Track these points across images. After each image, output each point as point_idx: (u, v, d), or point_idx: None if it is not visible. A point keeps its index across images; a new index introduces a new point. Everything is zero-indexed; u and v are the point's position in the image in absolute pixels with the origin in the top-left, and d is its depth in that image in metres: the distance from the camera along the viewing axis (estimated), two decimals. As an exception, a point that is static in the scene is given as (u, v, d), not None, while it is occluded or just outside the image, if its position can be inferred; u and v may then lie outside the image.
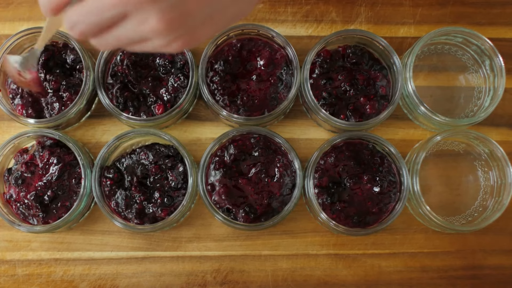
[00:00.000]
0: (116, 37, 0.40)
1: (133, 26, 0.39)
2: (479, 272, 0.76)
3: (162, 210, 0.72)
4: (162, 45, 0.40)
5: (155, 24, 0.38)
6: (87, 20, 0.40)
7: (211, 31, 0.41)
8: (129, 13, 0.38)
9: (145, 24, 0.38)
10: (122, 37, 0.40)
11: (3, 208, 0.72)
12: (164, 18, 0.37)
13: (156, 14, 0.37)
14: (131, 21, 0.38)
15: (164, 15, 0.37)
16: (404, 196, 0.71)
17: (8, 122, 0.78)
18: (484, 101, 0.77)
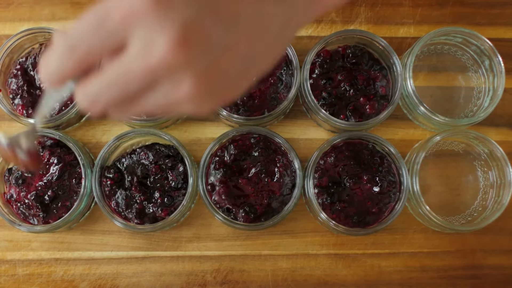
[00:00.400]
0: (142, 107, 0.34)
1: (163, 94, 0.33)
2: (478, 272, 0.76)
3: (162, 210, 0.72)
4: (193, 109, 0.34)
5: (189, 88, 0.32)
6: (108, 95, 0.33)
7: (245, 86, 0.36)
8: (159, 80, 0.32)
9: (177, 89, 0.32)
10: (150, 105, 0.34)
11: (4, 208, 0.72)
12: (200, 81, 0.32)
13: (190, 78, 0.32)
14: (162, 88, 0.32)
15: (199, 78, 0.32)
16: (403, 196, 0.71)
17: (9, 122, 0.78)
18: (484, 101, 0.77)
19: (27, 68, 0.75)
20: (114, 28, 0.31)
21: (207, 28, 0.31)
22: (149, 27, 0.30)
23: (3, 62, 0.74)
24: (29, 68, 0.75)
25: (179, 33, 0.30)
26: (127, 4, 0.30)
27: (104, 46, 0.32)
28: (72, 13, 0.80)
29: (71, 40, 0.33)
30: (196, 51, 0.31)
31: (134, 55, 0.31)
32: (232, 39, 0.32)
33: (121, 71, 0.32)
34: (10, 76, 0.76)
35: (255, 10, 0.33)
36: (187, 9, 0.30)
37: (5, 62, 0.75)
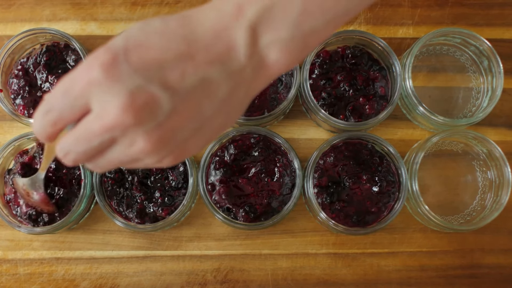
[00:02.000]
0: (108, 161, 0.40)
1: (122, 150, 0.38)
2: (477, 271, 0.77)
3: (162, 209, 0.72)
4: (153, 162, 0.40)
5: (143, 145, 0.38)
6: (77, 148, 0.39)
7: (201, 143, 0.41)
8: (116, 138, 0.38)
9: (133, 146, 0.38)
10: (114, 160, 0.40)
11: (3, 210, 0.72)
12: (150, 139, 0.37)
13: (142, 135, 0.37)
14: (120, 145, 0.38)
15: (150, 135, 0.37)
16: (403, 195, 0.71)
17: (10, 122, 0.78)
18: (482, 101, 0.78)
19: (28, 68, 0.76)
20: (77, 95, 0.37)
21: (152, 94, 0.36)
22: (103, 94, 0.36)
23: (4, 63, 0.75)
24: (30, 69, 0.76)
25: (125, 100, 0.36)
26: (86, 76, 0.37)
27: (71, 109, 0.38)
28: (73, 14, 0.80)
29: (47, 102, 0.39)
30: (143, 114, 0.36)
31: (94, 116, 0.37)
32: (178, 103, 0.37)
33: (84, 129, 0.38)
34: (12, 77, 0.76)
35: (199, 77, 0.38)
36: (133, 80, 0.36)
37: (6, 63, 0.75)
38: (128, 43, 0.37)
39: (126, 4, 0.81)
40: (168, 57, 0.37)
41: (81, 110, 0.38)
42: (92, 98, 0.37)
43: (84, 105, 0.38)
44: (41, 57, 0.75)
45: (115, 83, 0.36)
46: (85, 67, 0.37)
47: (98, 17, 0.80)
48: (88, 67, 0.37)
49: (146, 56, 0.37)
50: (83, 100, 0.37)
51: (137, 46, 0.37)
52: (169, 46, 0.37)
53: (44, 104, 0.40)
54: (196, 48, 0.38)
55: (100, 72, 0.36)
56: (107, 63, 0.36)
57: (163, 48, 0.37)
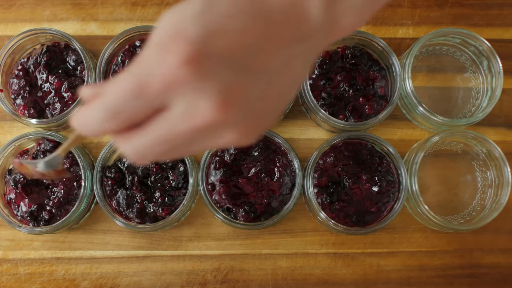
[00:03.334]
0: (185, 153, 0.37)
1: (207, 143, 0.35)
2: (476, 271, 0.77)
3: (163, 209, 0.73)
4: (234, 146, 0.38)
5: (232, 137, 0.35)
6: (156, 150, 0.35)
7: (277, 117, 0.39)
8: (204, 134, 0.34)
9: (220, 140, 0.35)
10: (195, 152, 0.37)
11: (4, 210, 0.72)
12: (241, 130, 0.35)
13: (233, 128, 0.34)
14: (206, 139, 0.35)
15: (241, 126, 0.34)
16: (402, 195, 0.71)
17: (10, 122, 0.78)
18: (482, 101, 0.78)
19: (28, 68, 0.76)
20: (156, 95, 0.33)
21: (242, 86, 0.33)
22: (190, 93, 0.32)
23: (5, 63, 0.75)
24: (31, 69, 0.76)
25: (219, 98, 0.32)
26: (165, 74, 0.32)
27: (145, 110, 0.34)
28: (73, 14, 0.80)
29: (111, 106, 0.34)
30: (235, 109, 0.33)
31: (179, 116, 0.33)
32: (264, 88, 0.35)
33: (167, 130, 0.34)
34: (12, 77, 0.76)
35: (282, 57, 0.35)
36: (224, 73, 0.32)
37: (6, 63, 0.75)
38: (206, 30, 0.32)
39: (127, 4, 0.81)
40: (249, 40, 0.33)
41: (156, 109, 0.34)
42: (175, 98, 0.33)
43: (161, 105, 0.33)
44: (42, 57, 0.75)
45: (205, 80, 0.32)
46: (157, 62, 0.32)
47: (98, 17, 0.80)
48: (163, 63, 0.32)
49: (229, 42, 0.32)
50: (161, 101, 0.33)
51: (216, 32, 0.32)
52: (247, 27, 0.33)
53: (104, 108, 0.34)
54: (273, 25, 0.34)
55: (186, 70, 0.31)
56: (191, 58, 0.31)
57: (242, 31, 0.33)
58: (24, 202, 0.73)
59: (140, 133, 0.35)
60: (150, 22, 0.80)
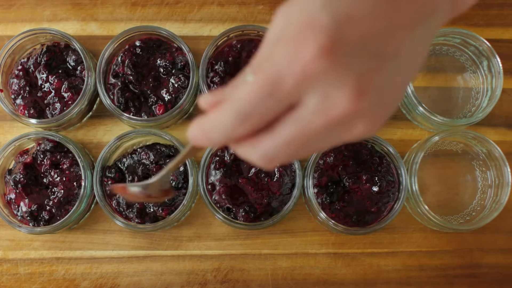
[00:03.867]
0: (313, 150, 0.35)
1: (336, 137, 0.34)
2: (476, 271, 0.77)
3: (163, 209, 0.73)
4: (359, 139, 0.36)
5: (365, 128, 0.33)
6: (288, 151, 0.33)
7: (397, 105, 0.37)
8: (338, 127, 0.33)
9: (351, 132, 0.33)
10: (320, 148, 0.35)
11: (4, 210, 0.72)
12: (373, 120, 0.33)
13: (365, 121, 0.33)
14: (335, 133, 0.33)
15: (373, 116, 0.33)
16: (402, 195, 0.71)
17: (10, 122, 0.78)
18: (482, 101, 0.78)
19: (28, 68, 0.76)
20: (290, 92, 0.31)
21: (376, 73, 0.32)
22: (325, 85, 0.31)
23: (5, 63, 0.75)
24: (31, 69, 0.76)
25: (356, 86, 0.31)
26: (301, 66, 0.30)
27: (278, 109, 0.32)
28: (73, 14, 0.80)
29: (242, 110, 0.32)
30: (371, 97, 0.32)
31: (312, 112, 0.32)
32: (396, 73, 0.33)
33: (299, 129, 0.32)
34: (12, 77, 0.76)
35: (410, 41, 0.33)
36: (358, 61, 0.31)
37: (7, 63, 0.75)
38: (338, 18, 0.30)
39: (127, 4, 0.81)
40: (380, 24, 0.31)
41: (287, 107, 0.32)
42: (309, 92, 0.31)
43: (293, 102, 0.32)
44: (42, 57, 0.75)
45: (341, 69, 0.30)
46: (291, 55, 0.31)
47: (98, 17, 0.80)
48: (298, 55, 0.30)
49: (361, 29, 0.31)
50: (294, 97, 0.32)
51: (348, 19, 0.30)
52: (377, 11, 0.31)
53: (233, 114, 0.33)
54: (400, 7, 0.32)
55: (323, 60, 0.30)
56: (327, 48, 0.30)
57: (372, 16, 0.31)
58: (24, 202, 0.73)
59: (269, 135, 0.34)
60: (150, 22, 0.80)
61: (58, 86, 0.75)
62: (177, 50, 0.76)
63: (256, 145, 0.34)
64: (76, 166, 0.74)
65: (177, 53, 0.76)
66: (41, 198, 0.73)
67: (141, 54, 0.76)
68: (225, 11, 0.81)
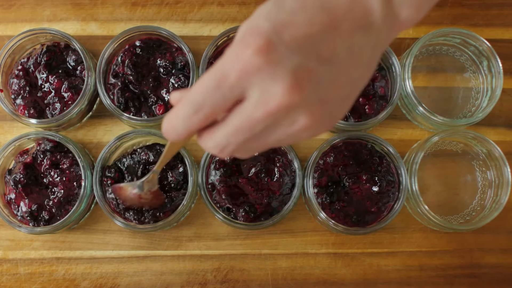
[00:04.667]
0: (264, 144, 0.40)
1: (282, 130, 0.38)
2: (476, 271, 0.77)
3: (164, 212, 0.72)
4: (309, 136, 0.40)
5: (305, 122, 0.37)
6: (237, 140, 0.39)
7: (348, 108, 0.41)
8: (278, 120, 0.37)
9: (294, 125, 0.38)
10: (271, 142, 0.40)
11: (4, 210, 0.72)
12: (313, 115, 0.37)
13: (305, 113, 0.37)
14: (281, 126, 0.38)
15: (313, 111, 0.37)
16: (402, 195, 0.72)
17: (10, 122, 0.78)
18: (482, 101, 0.78)
19: (28, 68, 0.76)
20: (233, 85, 0.36)
21: (312, 69, 0.36)
22: (263, 80, 0.36)
23: (5, 63, 0.75)
24: (31, 69, 0.76)
25: (291, 80, 0.35)
26: (241, 64, 0.36)
27: (225, 101, 0.37)
28: (74, 14, 0.80)
29: (195, 101, 0.38)
30: (307, 91, 0.36)
31: (254, 104, 0.37)
32: (333, 74, 0.37)
33: (244, 119, 0.37)
34: (12, 77, 0.76)
35: (348, 45, 0.38)
36: (293, 59, 0.36)
37: (7, 63, 0.75)
38: (276, 24, 0.36)
39: (127, 4, 0.81)
40: (315, 30, 0.37)
41: (234, 100, 0.37)
42: (250, 86, 0.36)
43: (238, 95, 0.37)
44: (42, 57, 0.76)
45: (276, 66, 0.35)
46: (234, 56, 0.36)
47: (98, 17, 0.80)
48: (240, 56, 0.36)
49: (296, 33, 0.36)
50: (238, 90, 0.37)
51: (284, 25, 0.36)
52: (313, 20, 0.37)
53: (189, 104, 0.38)
54: (337, 17, 0.37)
55: (258, 58, 0.35)
56: (263, 48, 0.35)
57: (308, 23, 0.37)
58: (24, 202, 0.73)
59: (220, 125, 0.39)
60: (150, 22, 0.80)
61: (58, 86, 0.75)
62: (177, 50, 0.76)
63: (211, 135, 0.40)
64: (76, 166, 0.74)
65: (177, 53, 0.76)
66: (41, 198, 0.74)
67: (141, 54, 0.76)
68: (225, 11, 0.81)
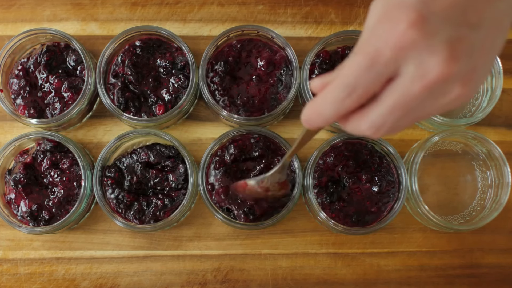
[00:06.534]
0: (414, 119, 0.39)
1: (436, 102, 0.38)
2: (476, 271, 0.77)
3: (164, 212, 0.72)
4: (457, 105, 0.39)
5: (460, 91, 0.37)
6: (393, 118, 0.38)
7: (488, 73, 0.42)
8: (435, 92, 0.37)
9: (448, 95, 0.38)
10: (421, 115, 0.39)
11: (4, 210, 0.72)
12: (467, 83, 0.37)
13: (460, 82, 0.37)
14: (435, 98, 0.38)
15: (467, 80, 0.37)
16: (402, 195, 0.71)
17: (11, 122, 0.78)
18: (482, 101, 0.78)
19: (28, 68, 0.76)
20: (388, 62, 0.36)
21: (465, 38, 0.36)
22: (419, 53, 0.36)
23: (5, 63, 0.75)
24: (31, 69, 0.76)
25: (447, 51, 0.35)
26: (395, 40, 0.36)
27: (379, 80, 0.37)
28: (74, 14, 0.80)
29: (347, 83, 0.38)
30: (462, 61, 0.36)
31: (410, 79, 0.37)
32: (481, 40, 0.37)
33: (400, 96, 0.37)
34: (12, 77, 0.76)
35: (492, 10, 0.38)
36: (446, 29, 0.36)
37: (7, 63, 0.75)
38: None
39: (127, 4, 0.81)
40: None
41: (387, 78, 0.37)
42: (405, 61, 0.36)
43: (392, 72, 0.37)
44: (42, 57, 0.76)
45: (431, 38, 0.35)
46: (386, 32, 0.36)
47: (98, 17, 0.80)
48: (392, 31, 0.36)
49: (444, 3, 0.36)
50: (393, 67, 0.37)
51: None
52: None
53: (340, 88, 0.38)
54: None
55: (413, 32, 0.35)
56: (417, 21, 0.35)
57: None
58: (24, 202, 0.73)
59: (374, 105, 0.39)
60: (150, 22, 0.80)
61: (58, 86, 0.75)
62: (177, 50, 0.76)
63: (363, 116, 0.40)
64: (76, 166, 0.74)
65: (177, 53, 0.76)
66: (41, 198, 0.74)
67: (141, 54, 0.76)
68: (225, 11, 0.81)
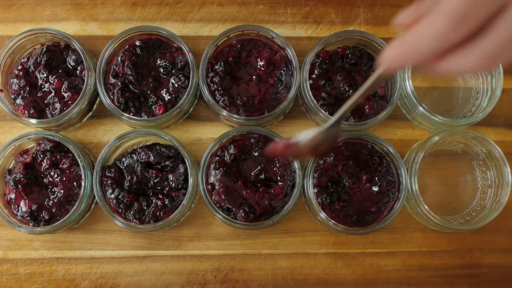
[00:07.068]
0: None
1: None
2: (476, 271, 0.77)
3: (164, 212, 0.72)
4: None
5: None
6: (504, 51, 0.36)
7: None
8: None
9: None
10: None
11: (4, 210, 0.72)
12: None
13: None
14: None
15: None
16: (402, 195, 0.71)
17: (11, 122, 0.78)
18: (482, 101, 0.78)
19: (28, 68, 0.76)
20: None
21: None
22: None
23: (5, 63, 0.75)
24: (31, 69, 0.76)
25: None
26: None
27: (489, 12, 0.34)
28: (74, 14, 0.80)
29: (457, 13, 0.34)
30: None
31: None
32: None
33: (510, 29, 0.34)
34: (12, 77, 0.76)
35: None
36: None
37: (7, 63, 0.75)
38: None
39: (127, 4, 0.81)
40: None
41: (497, 9, 0.35)
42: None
43: (499, 6, 0.34)
44: (42, 57, 0.75)
45: None
46: None
47: (98, 17, 0.80)
48: None
49: None
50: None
51: None
52: None
53: (447, 18, 0.35)
54: None
55: None
56: None
57: None
58: (24, 202, 0.73)
59: (487, 36, 0.35)
60: (150, 22, 0.80)
61: (58, 86, 0.75)
62: (177, 50, 0.76)
63: (473, 49, 0.36)
64: (76, 166, 0.74)
65: (177, 53, 0.76)
66: (41, 198, 0.74)
67: (141, 54, 0.76)
68: (225, 11, 0.81)
